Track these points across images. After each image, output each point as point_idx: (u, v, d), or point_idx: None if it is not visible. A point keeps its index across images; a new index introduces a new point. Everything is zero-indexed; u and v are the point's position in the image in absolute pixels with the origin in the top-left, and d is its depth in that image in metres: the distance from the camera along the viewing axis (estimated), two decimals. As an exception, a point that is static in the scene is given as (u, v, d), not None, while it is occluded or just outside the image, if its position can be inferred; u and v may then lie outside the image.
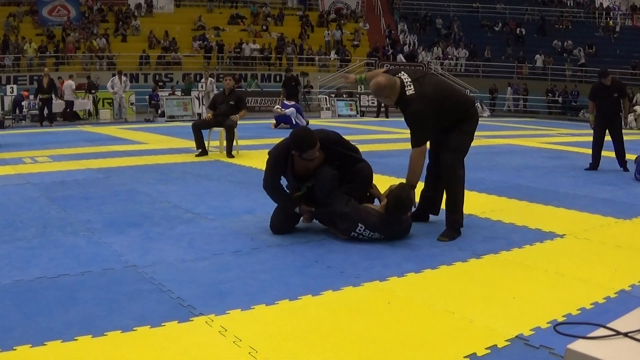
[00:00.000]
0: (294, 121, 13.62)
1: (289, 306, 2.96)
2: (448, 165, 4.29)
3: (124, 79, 18.72)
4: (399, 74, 4.21)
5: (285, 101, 14.72)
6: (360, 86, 22.49)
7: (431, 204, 4.68)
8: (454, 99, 4.30)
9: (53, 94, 16.77)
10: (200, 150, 8.74)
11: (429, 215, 4.73)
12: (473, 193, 5.78)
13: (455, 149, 4.28)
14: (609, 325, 1.50)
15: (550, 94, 26.01)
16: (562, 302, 3.03)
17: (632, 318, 1.58)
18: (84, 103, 19.01)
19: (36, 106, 17.19)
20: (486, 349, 2.50)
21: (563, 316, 2.85)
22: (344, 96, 21.62)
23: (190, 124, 9.30)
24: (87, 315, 2.79)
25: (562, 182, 6.90)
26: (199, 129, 8.67)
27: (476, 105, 4.74)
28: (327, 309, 2.94)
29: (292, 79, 16.32)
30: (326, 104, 21.26)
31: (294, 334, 2.64)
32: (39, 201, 5.42)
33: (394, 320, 2.81)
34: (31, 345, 2.46)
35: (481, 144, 10.65)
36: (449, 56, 28.11)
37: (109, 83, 18.50)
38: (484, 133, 12.87)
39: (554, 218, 4.96)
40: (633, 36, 29.71)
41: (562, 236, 4.36)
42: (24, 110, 18.11)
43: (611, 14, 31.99)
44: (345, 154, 4.32)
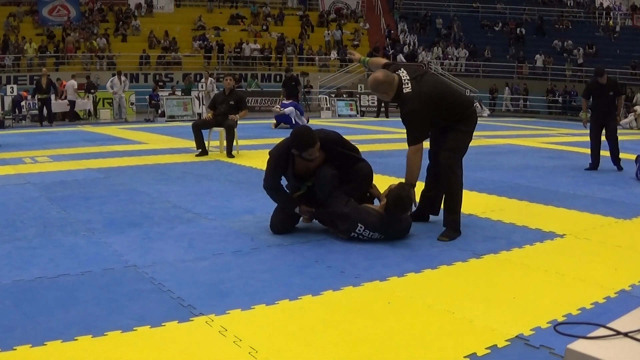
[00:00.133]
0: (293, 121, 13.61)
1: (289, 306, 2.96)
2: (446, 165, 4.29)
3: (123, 79, 18.72)
4: (398, 71, 4.21)
5: (284, 101, 14.73)
6: (360, 86, 22.57)
7: (431, 204, 4.68)
8: (451, 99, 4.29)
9: (53, 93, 16.75)
10: (201, 150, 8.74)
11: (429, 215, 4.73)
12: (473, 193, 5.79)
13: (453, 148, 4.28)
14: (609, 325, 1.50)
15: (551, 94, 26.01)
16: (562, 302, 3.03)
17: (632, 318, 1.58)
18: (84, 103, 19.03)
19: (36, 106, 17.20)
20: (486, 348, 2.50)
21: (563, 316, 2.85)
22: (344, 96, 21.62)
23: (191, 124, 9.30)
24: (87, 315, 2.79)
25: (562, 182, 6.90)
26: (199, 129, 8.67)
27: (475, 105, 4.74)
28: (327, 309, 2.94)
29: (292, 78, 16.32)
30: (326, 104, 21.26)
31: (294, 334, 2.64)
32: (39, 201, 5.42)
33: (394, 320, 2.81)
34: (31, 345, 2.46)
35: (481, 144, 10.65)
36: (449, 56, 28.11)
37: (109, 83, 18.51)
38: (484, 133, 12.87)
39: (554, 218, 4.96)
40: (633, 36, 29.71)
41: (562, 236, 4.36)
42: (24, 110, 18.10)
43: (611, 14, 31.99)
44: (345, 154, 4.32)
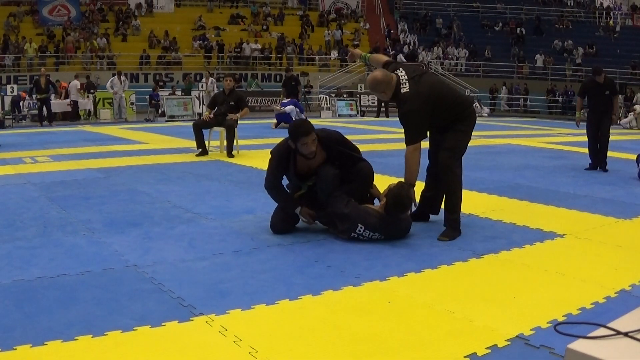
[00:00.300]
0: (294, 119, 13.62)
1: (289, 306, 2.96)
2: (445, 165, 4.29)
3: (123, 78, 18.73)
4: (397, 71, 4.21)
5: (283, 100, 14.78)
6: (360, 86, 22.57)
7: (431, 203, 4.69)
8: (450, 98, 4.29)
9: (52, 93, 16.74)
10: (201, 150, 8.74)
11: (429, 215, 4.73)
12: (473, 193, 5.79)
13: (452, 148, 4.29)
14: (609, 325, 1.50)
15: (551, 94, 26.00)
16: (563, 302, 3.03)
17: (632, 318, 1.57)
18: (84, 103, 19.04)
19: (35, 106, 17.19)
20: (486, 348, 2.50)
21: (563, 316, 2.85)
22: (344, 96, 21.63)
23: (191, 123, 9.31)
24: (87, 315, 2.79)
25: (563, 182, 6.90)
26: (199, 128, 8.67)
27: (475, 105, 4.74)
28: (327, 309, 2.94)
29: (292, 78, 16.32)
30: (326, 104, 21.26)
31: (294, 334, 2.64)
32: (39, 201, 5.42)
33: (394, 320, 2.81)
34: (31, 345, 2.46)
35: (482, 143, 10.64)
36: (449, 56, 28.11)
37: (109, 83, 18.53)
38: (485, 133, 12.86)
39: (555, 218, 4.96)
40: (633, 36, 29.69)
41: (562, 236, 4.36)
42: (23, 110, 18.10)
43: (611, 14, 31.98)
44: (346, 153, 4.32)
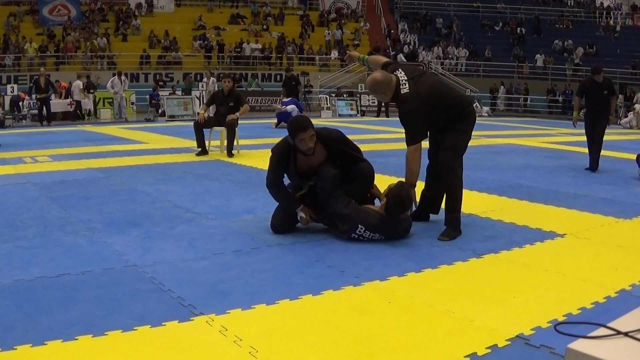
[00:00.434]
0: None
1: (289, 306, 2.96)
2: (445, 165, 4.29)
3: (123, 78, 18.75)
4: (397, 72, 4.21)
5: (284, 99, 14.82)
6: (361, 85, 22.56)
7: (431, 203, 4.69)
8: (450, 98, 4.29)
9: (53, 93, 16.73)
10: (201, 149, 8.74)
11: (429, 214, 4.73)
12: (474, 193, 5.79)
13: (452, 148, 4.29)
14: (609, 325, 1.50)
15: (551, 93, 25.99)
16: (563, 302, 3.03)
17: (632, 317, 1.57)
18: (84, 103, 19.05)
19: (35, 106, 17.19)
20: (487, 348, 2.50)
21: (563, 316, 2.85)
22: (345, 96, 21.62)
23: (192, 123, 9.30)
24: (87, 315, 2.79)
25: (563, 181, 6.90)
26: (200, 127, 8.66)
27: (475, 105, 4.75)
28: (327, 309, 2.94)
29: (292, 78, 16.33)
30: (327, 104, 21.26)
31: (295, 334, 2.64)
32: (39, 201, 5.42)
33: (394, 319, 2.81)
34: (32, 345, 2.46)
35: (482, 143, 10.65)
36: (450, 56, 28.10)
37: (109, 83, 18.55)
38: (485, 133, 12.87)
39: (555, 218, 4.96)
40: (633, 36, 29.68)
41: (562, 236, 4.36)
42: (23, 110, 18.09)
43: (611, 14, 31.98)
44: (347, 153, 4.32)
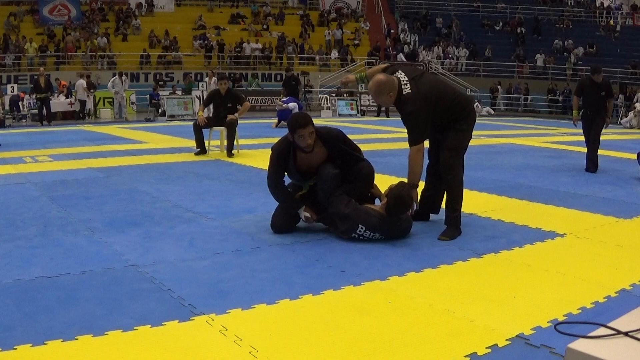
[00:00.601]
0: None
1: (289, 305, 2.96)
2: (446, 164, 4.30)
3: (124, 78, 18.77)
4: (397, 73, 4.22)
5: (283, 98, 14.87)
6: (361, 85, 22.56)
7: (431, 203, 4.69)
8: (450, 97, 4.30)
9: (55, 92, 16.75)
10: (199, 149, 8.74)
11: (429, 214, 4.73)
12: (474, 192, 5.79)
13: (453, 147, 4.29)
14: (609, 325, 1.50)
15: (551, 93, 25.99)
16: (563, 302, 3.03)
17: (632, 317, 1.58)
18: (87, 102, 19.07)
19: (36, 106, 17.20)
20: (487, 348, 2.50)
21: (564, 315, 2.85)
22: (345, 95, 21.62)
23: (192, 123, 9.29)
24: (87, 315, 2.79)
25: (563, 181, 6.89)
26: (200, 128, 8.66)
27: (476, 105, 4.75)
28: (327, 308, 2.94)
29: (292, 78, 16.32)
30: (327, 103, 21.27)
31: (295, 333, 2.64)
32: (39, 200, 5.42)
33: (394, 319, 2.81)
34: (32, 345, 2.46)
35: (482, 143, 10.65)
36: (450, 55, 28.10)
37: (110, 83, 18.58)
38: (485, 132, 12.87)
39: (555, 217, 4.96)
40: (634, 35, 29.69)
41: (562, 235, 4.36)
42: (23, 110, 18.09)
43: (612, 14, 31.98)
44: (347, 152, 4.32)
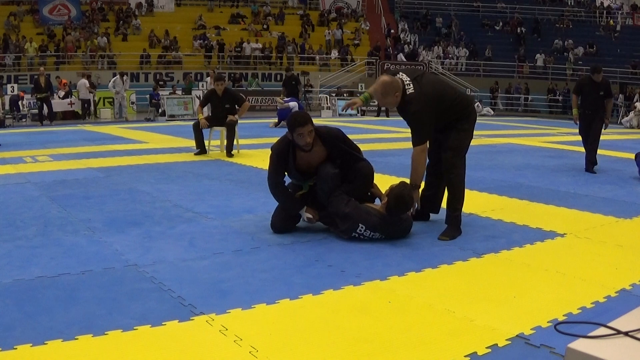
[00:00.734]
0: None
1: (289, 305, 2.96)
2: (449, 164, 4.30)
3: (125, 78, 18.78)
4: (398, 75, 4.23)
5: (285, 98, 14.88)
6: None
7: (431, 202, 4.69)
8: (452, 97, 4.31)
9: (55, 92, 16.75)
10: (199, 150, 8.74)
11: (429, 213, 4.73)
12: (474, 192, 5.78)
13: (456, 147, 4.30)
14: (609, 325, 1.50)
15: (551, 93, 25.98)
16: (563, 301, 3.03)
17: (632, 317, 1.57)
18: (88, 102, 19.05)
19: (36, 105, 17.20)
20: (487, 348, 2.50)
21: (564, 315, 2.85)
22: (345, 95, 21.62)
23: (192, 122, 9.28)
24: (87, 315, 2.79)
25: (563, 181, 6.89)
26: (199, 128, 8.65)
27: (476, 105, 4.75)
28: (327, 308, 2.94)
29: (292, 78, 16.31)
30: (327, 103, 21.27)
31: (295, 333, 2.64)
32: (39, 200, 5.42)
33: (394, 319, 2.81)
34: (32, 345, 2.46)
35: (482, 143, 10.64)
36: (450, 55, 28.09)
37: (111, 83, 18.59)
38: (485, 132, 12.87)
39: (555, 217, 4.96)
40: (634, 35, 29.68)
41: (562, 235, 4.36)
42: (23, 109, 18.09)
43: (612, 13, 31.97)
44: (347, 151, 4.32)
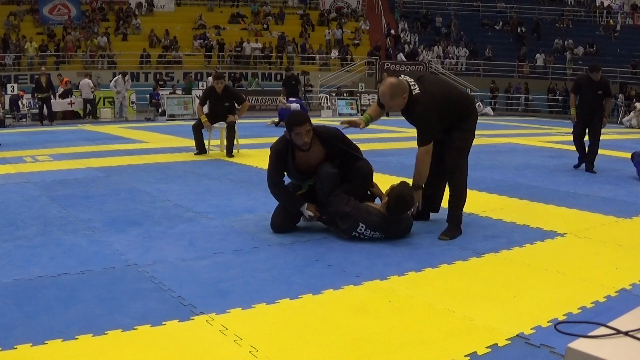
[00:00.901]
0: None
1: (289, 305, 2.96)
2: (453, 164, 4.31)
3: (127, 78, 18.79)
4: (401, 77, 4.26)
5: (290, 98, 14.91)
6: (361, 85, 22.61)
7: (432, 202, 4.69)
8: (455, 96, 4.33)
9: (56, 92, 16.74)
10: (199, 150, 8.74)
11: (429, 213, 4.74)
12: (474, 192, 5.78)
13: (460, 148, 4.32)
14: (609, 324, 1.50)
15: (551, 93, 25.97)
16: (563, 301, 3.03)
17: (632, 317, 1.57)
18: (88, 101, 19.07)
19: (36, 105, 17.20)
20: (487, 347, 2.50)
21: (564, 315, 2.85)
22: (345, 95, 21.62)
23: (192, 122, 9.27)
24: (87, 314, 2.79)
25: (563, 181, 6.90)
26: (199, 129, 8.65)
27: (478, 105, 4.76)
28: (327, 308, 2.94)
29: (292, 77, 16.32)
30: (327, 103, 21.26)
31: (295, 333, 2.64)
32: (39, 200, 5.42)
33: (394, 319, 2.81)
34: (32, 344, 2.46)
35: (482, 142, 10.64)
36: (450, 55, 28.09)
37: (112, 83, 18.59)
38: (486, 132, 12.86)
39: (555, 217, 4.96)
40: (634, 35, 29.68)
41: (563, 235, 4.36)
42: (23, 109, 18.08)
43: (612, 13, 31.97)
44: (346, 151, 4.33)
